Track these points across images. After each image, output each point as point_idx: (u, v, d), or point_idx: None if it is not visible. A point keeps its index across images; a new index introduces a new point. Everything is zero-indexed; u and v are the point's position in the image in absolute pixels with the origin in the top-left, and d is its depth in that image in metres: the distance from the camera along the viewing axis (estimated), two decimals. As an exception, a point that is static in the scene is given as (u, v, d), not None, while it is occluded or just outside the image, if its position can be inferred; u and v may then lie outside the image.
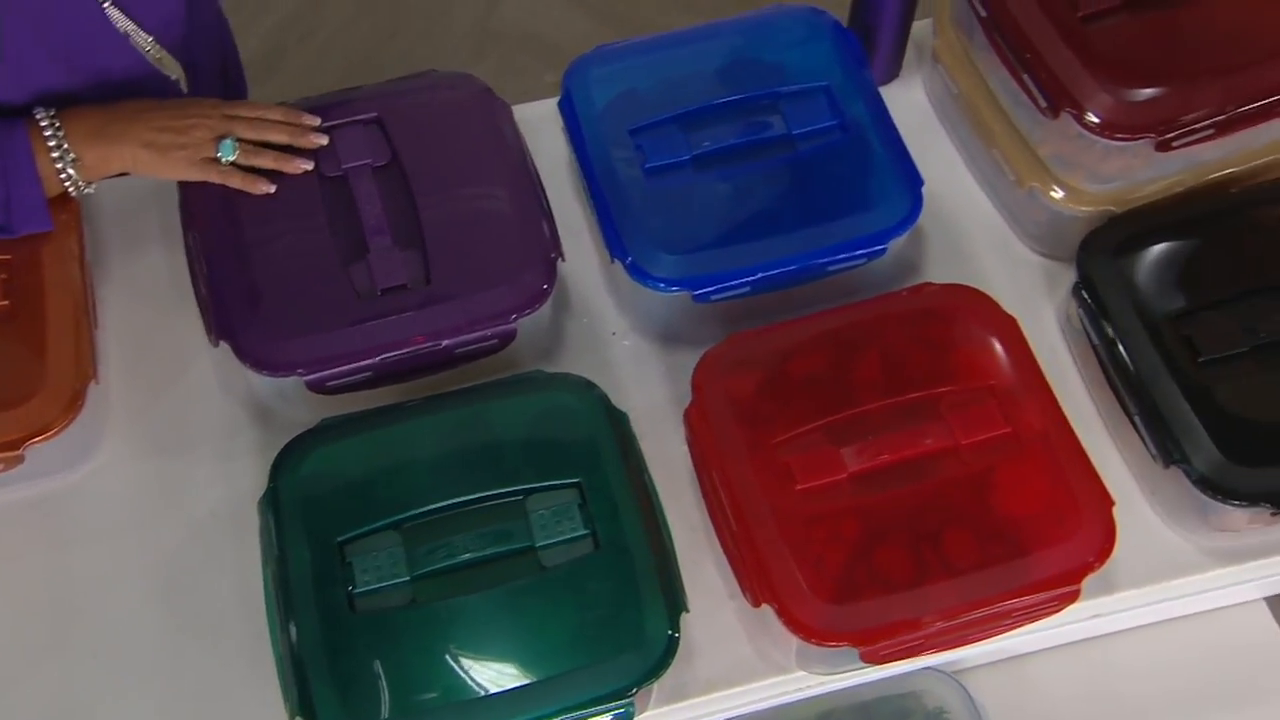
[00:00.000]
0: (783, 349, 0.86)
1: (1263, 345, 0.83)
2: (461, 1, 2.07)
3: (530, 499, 0.78)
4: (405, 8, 2.06)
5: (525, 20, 2.06)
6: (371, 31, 2.04)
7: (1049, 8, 0.88)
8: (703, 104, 0.94)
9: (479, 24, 2.05)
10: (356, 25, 2.04)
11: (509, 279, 0.85)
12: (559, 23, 2.04)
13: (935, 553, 0.78)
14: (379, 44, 2.02)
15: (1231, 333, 0.84)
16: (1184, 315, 0.85)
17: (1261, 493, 0.79)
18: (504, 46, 2.02)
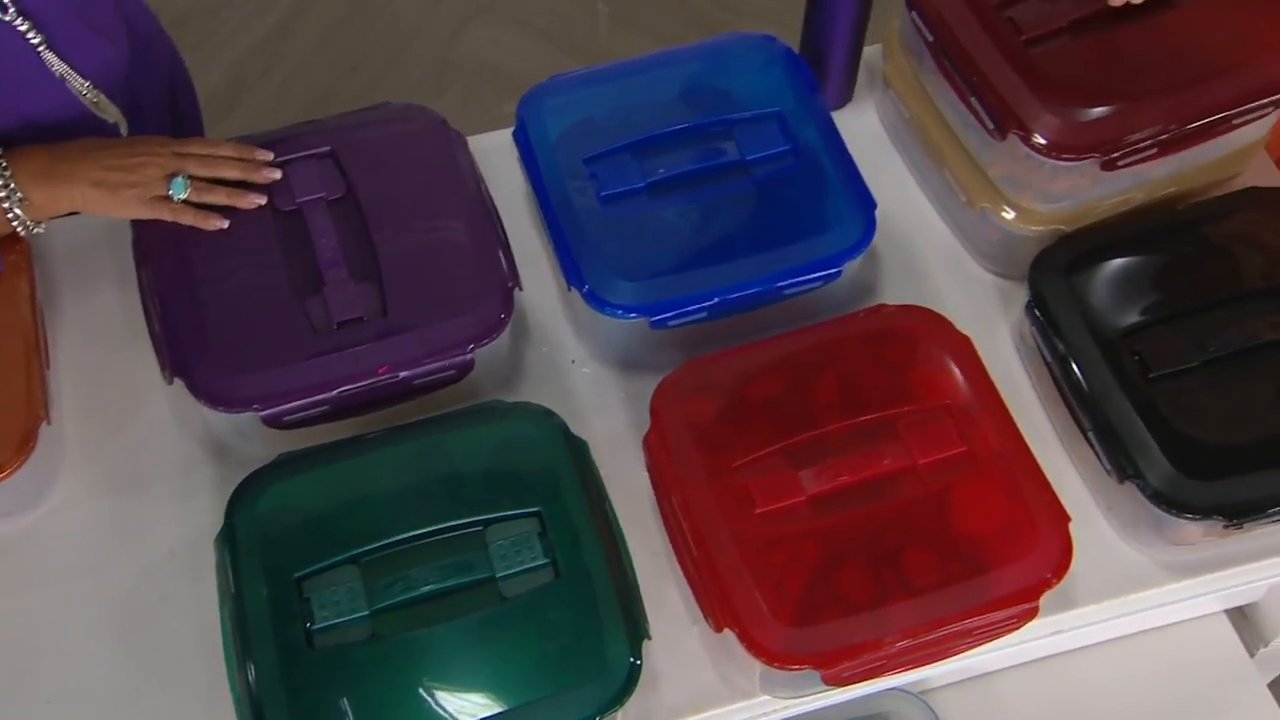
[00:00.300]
0: (740, 373, 0.86)
1: (1212, 360, 0.84)
2: (423, 34, 2.08)
3: (490, 529, 0.78)
4: (366, 41, 2.07)
5: (487, 52, 2.07)
6: (332, 66, 2.04)
7: (994, 32, 0.90)
8: (657, 131, 0.94)
9: (440, 56, 2.06)
10: (317, 60, 2.05)
11: (466, 309, 0.85)
12: (521, 53, 2.06)
13: (895, 573, 0.78)
14: (340, 78, 2.03)
15: (1182, 348, 0.85)
16: (1135, 331, 0.86)
17: (1214, 506, 0.80)
18: (466, 78, 2.03)
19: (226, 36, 2.07)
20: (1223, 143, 0.91)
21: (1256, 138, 0.94)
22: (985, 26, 0.90)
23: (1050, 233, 0.93)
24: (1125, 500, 0.84)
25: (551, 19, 2.10)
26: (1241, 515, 0.79)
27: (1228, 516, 0.79)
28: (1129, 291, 0.88)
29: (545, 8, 2.11)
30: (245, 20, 2.09)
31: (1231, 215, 0.91)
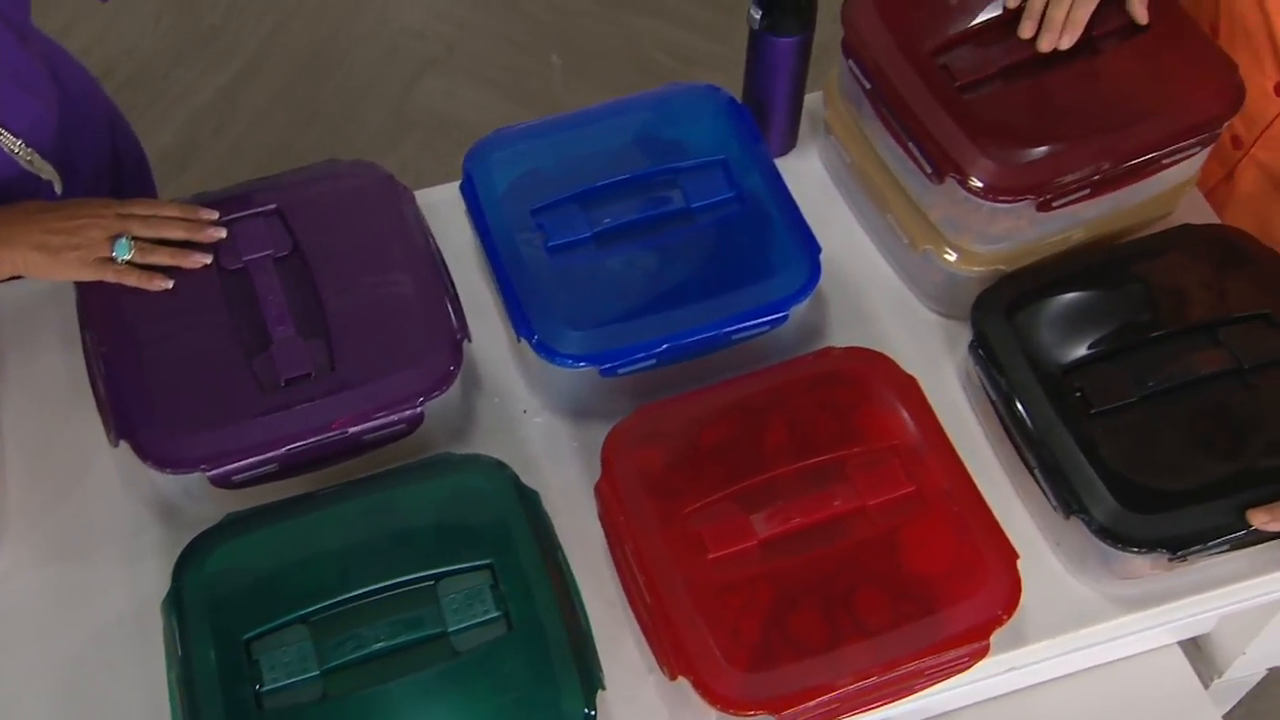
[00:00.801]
0: (690, 419, 0.87)
1: (1152, 395, 0.86)
2: (378, 88, 2.10)
3: (441, 583, 0.77)
4: (322, 96, 2.08)
5: (441, 105, 2.09)
6: (287, 121, 2.05)
7: (928, 79, 0.92)
8: (603, 182, 0.96)
9: (395, 110, 2.08)
10: (271, 116, 2.06)
11: (414, 363, 0.85)
12: (475, 106, 2.08)
13: (847, 614, 0.78)
14: (295, 133, 2.03)
15: (1122, 384, 0.86)
16: (1076, 368, 0.88)
17: (1158, 539, 0.81)
18: (421, 132, 2.05)
19: (178, 96, 2.07)
20: (1154, 182, 0.93)
21: (1186, 177, 0.97)
22: (920, 74, 0.92)
23: (992, 273, 0.95)
24: (1072, 535, 0.85)
25: (505, 72, 2.13)
26: (1184, 547, 0.81)
27: (1171, 549, 0.80)
28: (1069, 329, 0.90)
29: (499, 61, 2.14)
30: (197, 79, 2.10)
31: (1166, 252, 0.93)
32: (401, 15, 2.18)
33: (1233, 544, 0.82)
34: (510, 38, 2.16)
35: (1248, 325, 0.89)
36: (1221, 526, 0.81)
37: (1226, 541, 0.82)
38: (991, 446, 0.93)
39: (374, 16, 2.18)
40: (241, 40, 2.14)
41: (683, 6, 2.20)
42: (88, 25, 2.12)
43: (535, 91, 2.09)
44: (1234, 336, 0.88)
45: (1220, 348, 0.87)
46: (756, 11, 0.98)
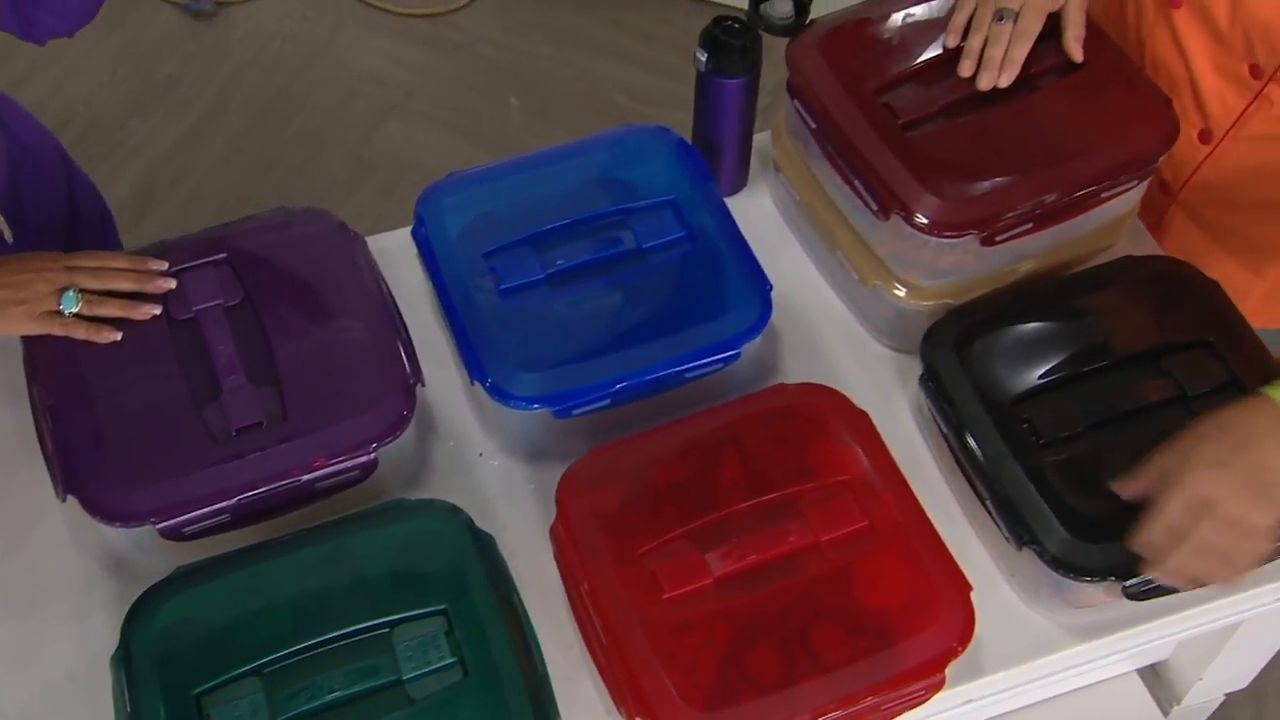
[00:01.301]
0: (644, 459, 0.87)
1: (1098, 424, 0.87)
2: (336, 133, 2.11)
3: (396, 631, 0.77)
4: (280, 143, 2.09)
5: (401, 148, 2.10)
6: (246, 168, 2.05)
7: (872, 117, 0.94)
8: (555, 224, 0.97)
9: (355, 154, 2.09)
10: (230, 163, 2.06)
11: (367, 409, 0.85)
12: (435, 149, 2.09)
13: (804, 650, 0.78)
14: (254, 181, 2.04)
15: (1068, 414, 0.87)
16: (1024, 399, 0.89)
17: (1109, 567, 0.81)
18: (381, 175, 2.05)
19: (135, 147, 2.07)
20: (1095, 216, 0.95)
21: (1126, 210, 0.99)
22: (864, 112, 0.94)
23: (940, 306, 0.96)
24: (1026, 566, 0.86)
25: (464, 115, 2.14)
26: (1135, 574, 0.81)
27: (1121, 577, 0.81)
28: (1017, 360, 0.91)
29: (458, 104, 2.15)
30: (154, 130, 2.10)
31: (1109, 284, 0.95)
32: (359, 61, 2.20)
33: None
34: (468, 81, 2.18)
35: (1190, 353, 0.90)
36: None
37: None
38: (945, 479, 0.94)
39: (332, 63, 2.19)
40: (198, 90, 2.14)
41: (640, 47, 2.23)
42: (44, 76, 2.12)
43: (494, 134, 2.11)
44: (1177, 365, 0.89)
45: (1164, 376, 0.89)
46: (702, 54, 1.00)
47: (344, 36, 2.22)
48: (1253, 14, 0.89)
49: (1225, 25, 0.92)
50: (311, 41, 2.21)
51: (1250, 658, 1.06)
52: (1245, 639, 1.00)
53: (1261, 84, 0.93)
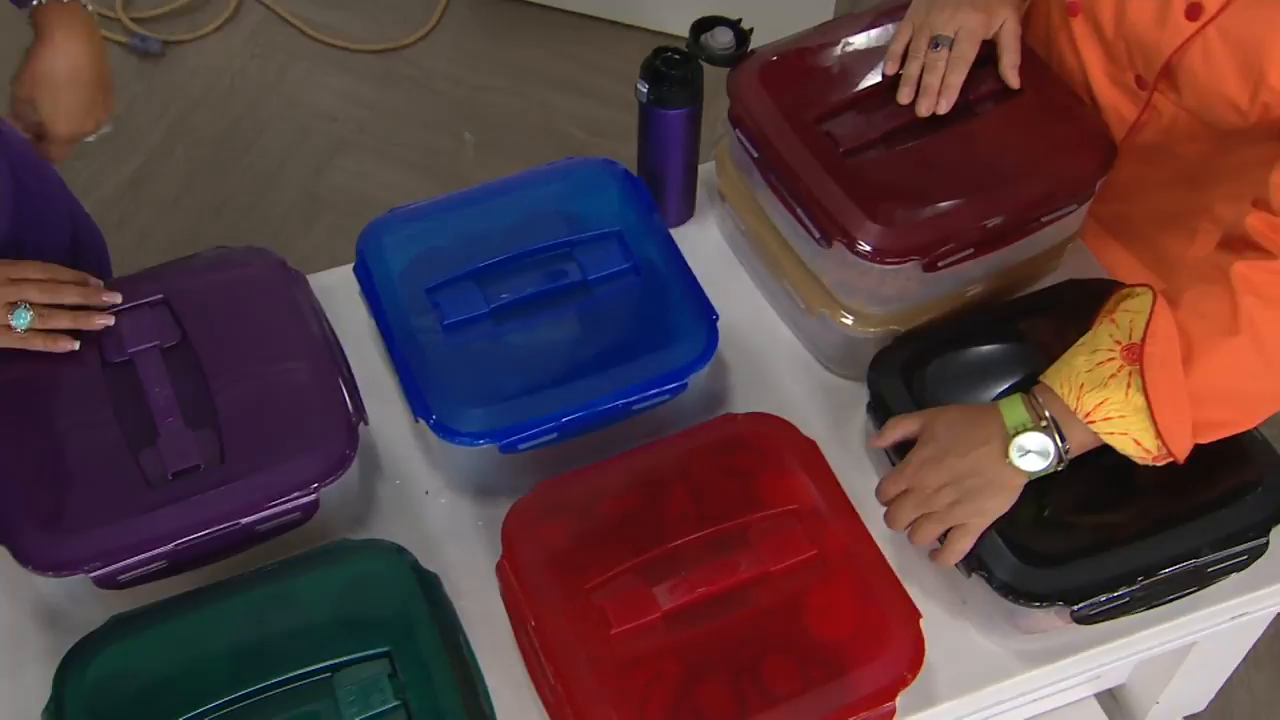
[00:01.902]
0: (592, 492, 0.87)
1: None
2: (287, 170, 2.10)
3: (338, 675, 0.76)
4: (230, 181, 2.08)
5: (353, 185, 2.09)
6: (195, 209, 2.04)
7: (813, 146, 0.95)
8: (499, 257, 0.97)
9: (307, 193, 2.08)
10: (179, 204, 2.05)
11: (308, 449, 0.85)
12: (388, 185, 2.09)
13: (754, 684, 0.78)
14: (203, 221, 2.02)
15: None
16: None
17: (1058, 592, 0.82)
18: (333, 212, 2.05)
19: (81, 190, 2.02)
20: (1037, 240, 0.96)
21: (1069, 233, 1.01)
22: (805, 141, 0.95)
23: (888, 333, 0.97)
24: (978, 593, 0.86)
25: (418, 150, 2.14)
26: (1085, 599, 0.82)
27: (1070, 601, 0.82)
28: (961, 386, 0.92)
29: (411, 139, 2.16)
30: (100, 171, 2.08)
31: (1053, 308, 0.96)
32: (310, 98, 2.20)
33: (1134, 597, 0.83)
34: (422, 116, 2.19)
35: None
36: (1121, 576, 0.83)
37: (1127, 594, 0.83)
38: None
39: (282, 101, 2.19)
40: (145, 130, 2.13)
41: (594, 80, 2.24)
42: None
43: (448, 169, 2.11)
44: None
45: None
46: (643, 85, 1.01)
47: (294, 73, 2.22)
48: (1131, 25, 0.91)
49: (1111, 35, 0.94)
50: (261, 79, 2.21)
51: (1206, 679, 1.07)
52: (1199, 661, 1.01)
53: (1147, 94, 0.94)
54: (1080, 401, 0.81)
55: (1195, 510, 0.85)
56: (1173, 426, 0.80)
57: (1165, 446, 0.80)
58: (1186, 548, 0.84)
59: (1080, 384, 0.81)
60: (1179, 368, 0.79)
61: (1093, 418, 0.81)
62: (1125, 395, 0.80)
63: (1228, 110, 0.88)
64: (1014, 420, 0.83)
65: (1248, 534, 0.85)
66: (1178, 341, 0.80)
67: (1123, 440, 0.81)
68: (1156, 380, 0.79)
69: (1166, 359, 0.79)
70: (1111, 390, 0.80)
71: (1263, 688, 1.55)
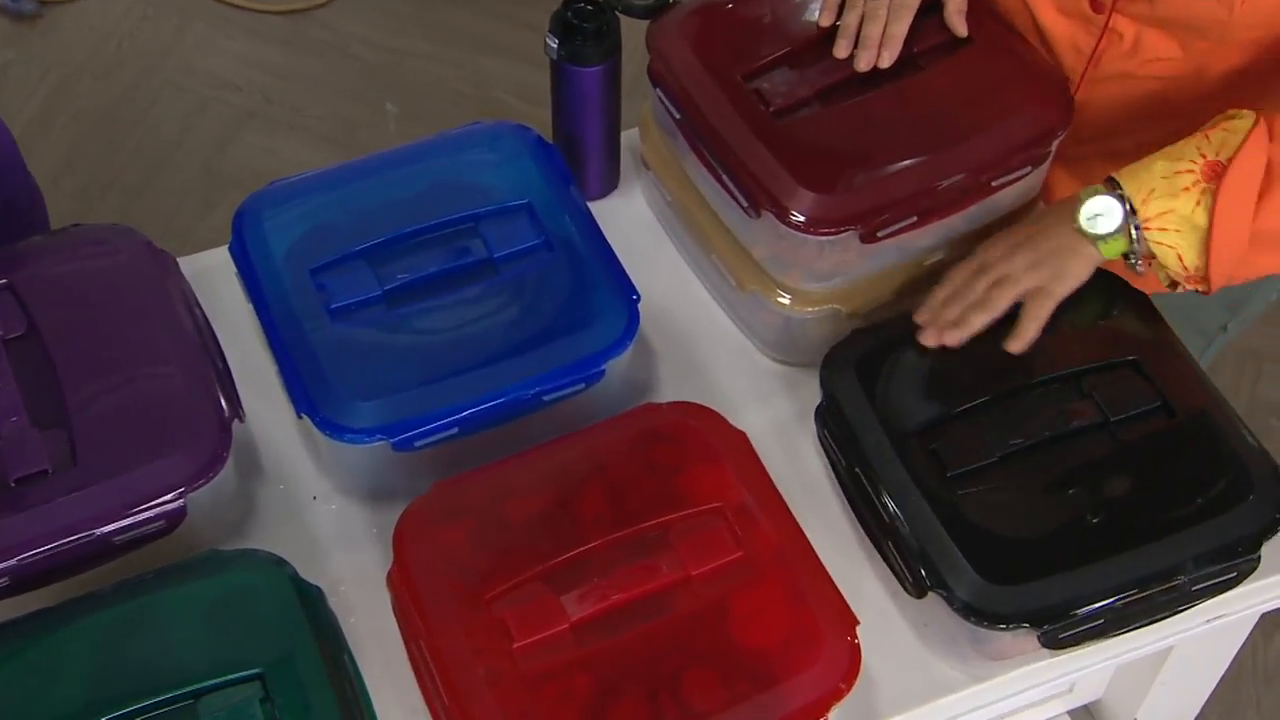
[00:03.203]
0: (496, 492, 0.87)
1: (1012, 454, 0.87)
2: (185, 147, 2.08)
3: (203, 701, 0.76)
4: (118, 160, 2.06)
5: (260, 162, 2.08)
6: (78, 190, 2.02)
7: (740, 105, 0.95)
8: (394, 234, 0.96)
9: (207, 171, 2.06)
10: (59, 185, 2.02)
11: (173, 449, 0.84)
12: (299, 162, 2.06)
13: (674, 699, 0.78)
14: (88, 204, 2.00)
15: (979, 443, 0.87)
16: (931, 429, 0.88)
17: (1024, 613, 0.81)
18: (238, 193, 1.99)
19: (-49, 165, 2.03)
20: (989, 206, 0.97)
21: (1027, 198, 1.01)
22: (731, 100, 0.95)
23: (828, 313, 0.97)
24: (938, 615, 0.85)
25: (332, 123, 2.13)
26: (1055, 620, 0.81)
27: (1037, 623, 0.81)
28: (931, 386, 0.91)
29: (325, 111, 2.14)
30: (-29, 145, 2.06)
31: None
32: (209, 64, 2.18)
33: (1109, 618, 0.83)
34: (336, 85, 2.17)
35: (1115, 374, 0.91)
36: (1095, 594, 0.82)
37: (1101, 615, 0.82)
38: (842, 504, 0.94)
39: (177, 68, 2.17)
40: (19, 102, 2.11)
41: (531, 43, 2.22)
42: None
43: (367, 144, 2.10)
44: (1100, 387, 0.90)
45: (1085, 399, 0.89)
46: (553, 40, 1.01)
47: (191, 37, 2.20)
48: None
49: None
50: (154, 44, 2.19)
51: (1188, 692, 1.08)
52: (1178, 670, 1.02)
53: (1105, 17, 0.95)
54: (1146, 205, 0.87)
55: (1179, 522, 0.85)
56: (1224, 258, 0.86)
57: (1206, 273, 0.87)
58: (1168, 564, 0.83)
59: (1152, 189, 0.87)
60: (1252, 202, 0.85)
61: (1150, 225, 0.87)
62: (1191, 211, 0.86)
63: (1210, 4, 0.89)
64: (1084, 194, 0.89)
65: (1236, 549, 0.84)
66: (1259, 176, 0.85)
67: (1167, 253, 0.88)
68: (1226, 208, 0.85)
69: (1243, 189, 0.85)
70: (1181, 202, 0.86)
71: (1272, 708, 1.57)
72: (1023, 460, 0.87)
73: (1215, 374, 0.95)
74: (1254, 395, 1.83)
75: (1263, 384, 1.85)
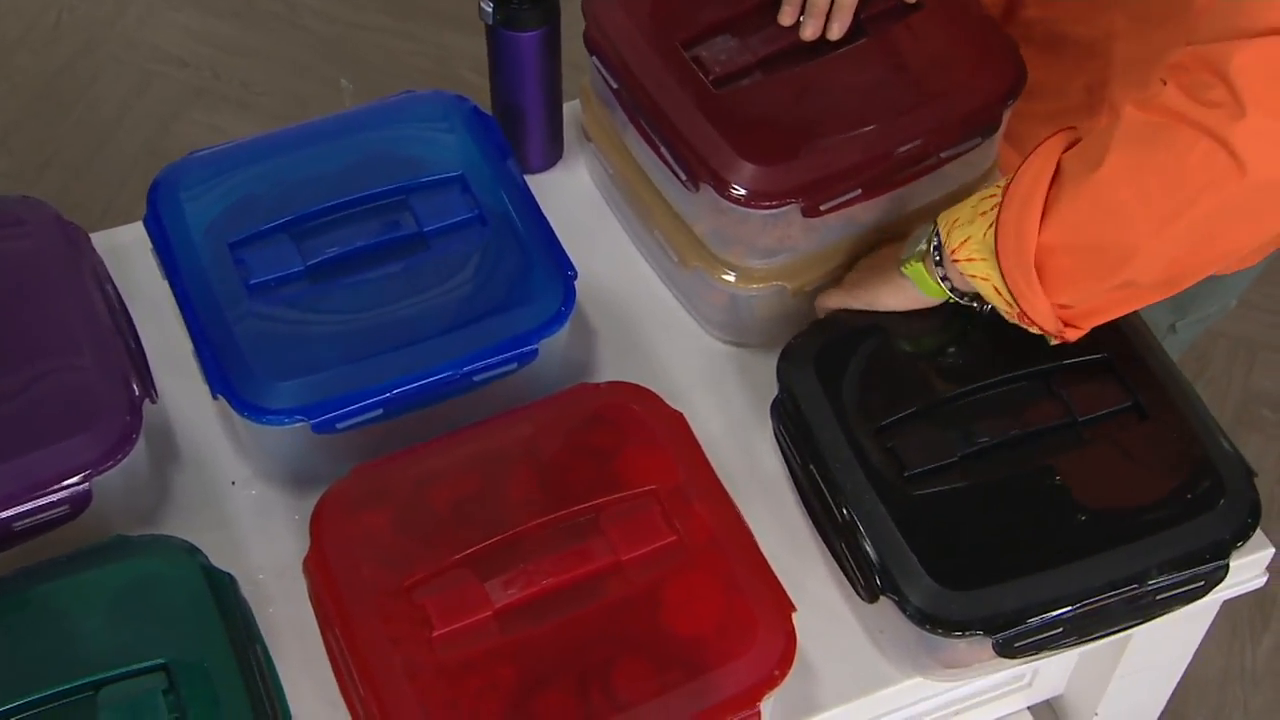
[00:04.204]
0: (420, 476, 0.86)
1: (972, 454, 0.86)
2: (127, 125, 2.07)
3: (103, 693, 0.75)
4: (55, 138, 2.05)
5: (206, 140, 2.02)
6: (13, 169, 2.01)
7: (679, 74, 0.94)
8: (318, 206, 0.95)
9: (151, 150, 2.05)
10: (-8, 161, 2.01)
11: (76, 430, 0.83)
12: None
13: (603, 689, 0.78)
14: (23, 183, 1.99)
15: (939, 443, 0.86)
16: (890, 426, 0.87)
17: (979, 620, 0.80)
18: (182, 172, 2.02)
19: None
20: (939, 180, 0.97)
21: (979, 172, 1.01)
22: (670, 69, 0.95)
23: (774, 290, 0.97)
24: (891, 621, 0.84)
25: (284, 100, 2.12)
26: (1011, 626, 0.80)
27: (991, 630, 0.80)
28: (895, 381, 0.90)
29: (276, 87, 2.13)
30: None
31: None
32: (153, 37, 2.17)
33: (1068, 627, 0.82)
34: (289, 60, 2.16)
35: (1084, 373, 0.89)
36: (1054, 601, 0.81)
37: (1060, 623, 0.81)
38: (792, 491, 0.93)
39: (119, 42, 2.16)
40: (-47, 76, 2.10)
41: (493, 18, 2.23)
42: None
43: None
44: (1068, 385, 0.88)
45: (1054, 399, 0.88)
46: (488, 4, 1.00)
47: (135, 9, 2.19)
48: None
49: None
50: (95, 15, 2.18)
51: (1150, 686, 1.08)
52: (1138, 662, 1.02)
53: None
54: (949, 236, 0.84)
55: (1145, 527, 0.83)
56: (1016, 274, 0.80)
57: (1014, 299, 0.81)
58: (1132, 570, 0.82)
59: (955, 219, 0.84)
60: (1038, 207, 0.78)
61: (957, 255, 0.84)
62: (983, 234, 0.81)
63: None
64: (907, 252, 0.88)
65: (1205, 556, 0.83)
66: (1047, 178, 0.79)
67: (984, 286, 0.83)
68: (1008, 220, 0.80)
69: (1030, 197, 0.79)
70: (975, 228, 0.82)
71: (1260, 710, 1.57)
72: (985, 460, 0.86)
73: (1207, 363, 0.93)
74: (1247, 385, 1.84)
75: (1256, 374, 1.85)
